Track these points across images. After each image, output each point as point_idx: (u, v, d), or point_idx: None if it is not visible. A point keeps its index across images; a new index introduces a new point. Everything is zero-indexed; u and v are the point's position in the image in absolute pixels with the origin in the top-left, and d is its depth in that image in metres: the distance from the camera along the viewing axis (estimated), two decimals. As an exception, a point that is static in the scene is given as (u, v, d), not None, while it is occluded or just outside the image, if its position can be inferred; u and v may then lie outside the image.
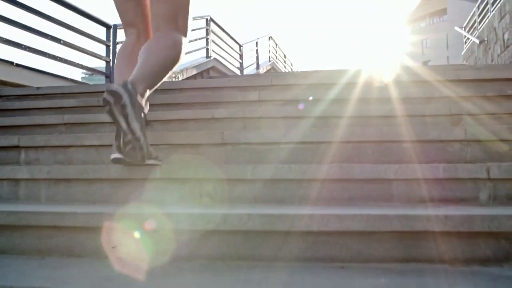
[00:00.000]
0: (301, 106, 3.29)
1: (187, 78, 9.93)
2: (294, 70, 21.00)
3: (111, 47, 7.34)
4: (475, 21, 13.96)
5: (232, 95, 3.68)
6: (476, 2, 20.60)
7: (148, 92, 2.08)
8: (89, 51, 6.80)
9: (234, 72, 12.49)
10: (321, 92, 3.58)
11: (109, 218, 1.63)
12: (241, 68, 13.33)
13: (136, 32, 2.41)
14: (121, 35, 7.44)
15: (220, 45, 11.94)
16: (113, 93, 1.88)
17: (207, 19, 11.07)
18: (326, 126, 2.94)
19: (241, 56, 13.47)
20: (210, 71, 11.17)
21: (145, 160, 2.11)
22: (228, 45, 12.51)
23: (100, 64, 7.54)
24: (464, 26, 16.05)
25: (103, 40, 7.25)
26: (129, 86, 1.94)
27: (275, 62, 17.34)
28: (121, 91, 1.90)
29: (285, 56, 19.29)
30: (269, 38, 16.61)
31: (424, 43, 56.91)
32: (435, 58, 53.87)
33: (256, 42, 14.89)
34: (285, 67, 19.18)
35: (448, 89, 3.51)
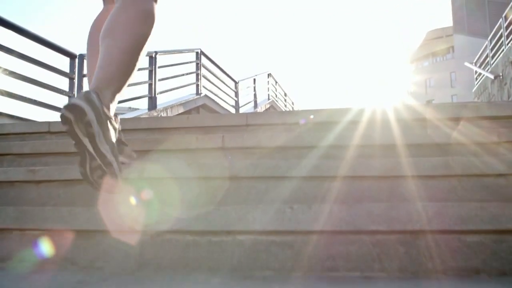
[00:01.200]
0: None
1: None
2: (295, 109, 19.93)
3: (75, 80, 6.25)
4: (487, 56, 12.92)
5: (185, 140, 2.50)
6: (485, 37, 19.67)
7: (118, 96, 1.62)
8: (47, 85, 5.70)
9: (228, 111, 11.39)
10: (314, 135, 2.41)
11: None
12: (236, 106, 12.24)
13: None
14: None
15: (213, 81, 10.87)
16: (74, 108, 1.45)
17: (197, 52, 10.04)
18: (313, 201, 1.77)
19: (236, 94, 12.40)
20: (200, 110, 10.07)
21: (117, 190, 1.62)
22: (222, 82, 11.45)
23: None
24: (474, 61, 15.01)
25: (65, 72, 6.16)
26: (93, 97, 1.51)
27: (275, 101, 16.28)
28: (83, 105, 1.46)
29: (285, 95, 18.26)
30: (268, 75, 15.61)
31: (427, 82, 56.33)
32: (439, 98, 53.22)
33: (254, 79, 13.86)
34: (285, 105, 18.12)
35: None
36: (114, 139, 1.61)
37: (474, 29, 21.35)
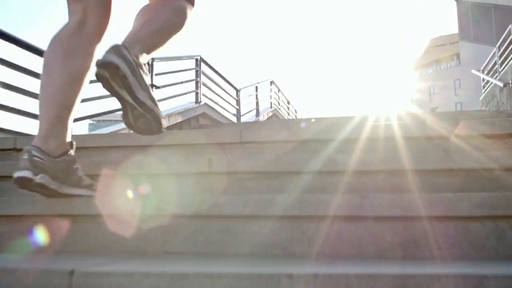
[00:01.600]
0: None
1: (171, 126, 8.47)
2: (299, 117, 19.55)
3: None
4: (495, 63, 12.51)
5: (156, 163, 2.10)
6: (491, 44, 19.28)
7: (144, 57, 1.60)
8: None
9: (229, 120, 11.01)
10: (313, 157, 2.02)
11: None
12: (238, 115, 11.85)
13: (81, 10, 1.69)
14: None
15: (213, 89, 10.50)
16: (107, 65, 1.46)
17: (197, 59, 9.68)
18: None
19: (238, 102, 12.02)
20: (200, 118, 9.70)
21: (162, 129, 1.73)
22: (223, 89, 11.07)
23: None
24: (481, 69, 14.61)
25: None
26: (123, 51, 1.50)
27: (278, 109, 15.90)
28: (116, 60, 1.46)
29: (288, 102, 17.87)
30: (271, 82, 15.23)
31: (431, 90, 55.96)
32: (443, 105, 52.85)
33: (256, 87, 13.48)
34: (288, 113, 17.72)
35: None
36: (148, 83, 1.62)
37: (480, 36, 20.98)
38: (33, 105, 4.87)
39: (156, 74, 7.92)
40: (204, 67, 9.97)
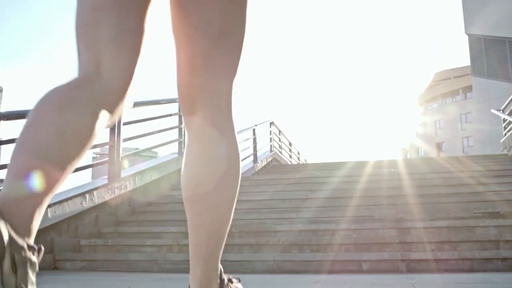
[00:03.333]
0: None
1: (146, 186, 6.94)
2: (302, 159, 17.97)
3: None
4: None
5: None
6: (506, 79, 17.75)
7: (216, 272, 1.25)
8: None
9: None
10: None
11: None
12: (231, 163, 10.26)
13: (95, 64, 1.09)
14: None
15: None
16: None
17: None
18: None
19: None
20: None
21: None
22: None
23: None
24: (502, 108, 13.06)
25: None
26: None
27: (278, 152, 14.35)
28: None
29: (290, 144, 16.33)
30: (271, 124, 13.72)
31: (437, 124, 54.63)
32: (449, 139, 51.52)
33: (253, 130, 11.95)
34: (290, 156, 16.15)
35: None
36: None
37: (493, 70, 19.55)
38: None
39: (124, 124, 6.39)
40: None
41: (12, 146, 0.99)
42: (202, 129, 1.25)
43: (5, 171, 1.01)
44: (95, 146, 6.00)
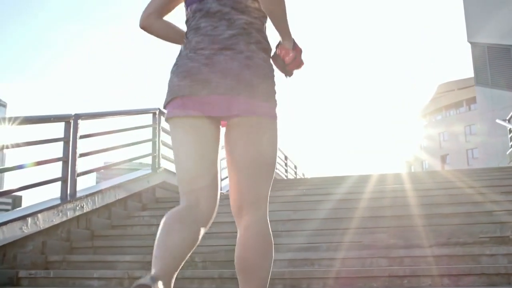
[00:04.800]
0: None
1: (111, 205, 6.17)
2: (299, 174, 17.12)
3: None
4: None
5: None
6: (508, 89, 16.90)
7: None
8: None
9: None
10: None
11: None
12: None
13: (195, 199, 1.78)
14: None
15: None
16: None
17: (154, 113, 7.38)
18: None
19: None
20: (156, 190, 7.33)
21: None
22: None
23: None
24: (508, 118, 12.22)
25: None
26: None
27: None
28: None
29: (286, 158, 15.50)
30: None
31: (441, 137, 53.69)
32: (453, 152, 50.46)
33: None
34: (286, 171, 15.31)
35: None
36: None
37: (497, 80, 18.70)
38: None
39: (81, 137, 5.63)
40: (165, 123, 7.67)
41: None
42: (251, 231, 1.82)
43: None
44: (43, 162, 5.25)
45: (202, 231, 1.74)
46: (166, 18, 2.00)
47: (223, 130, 1.88)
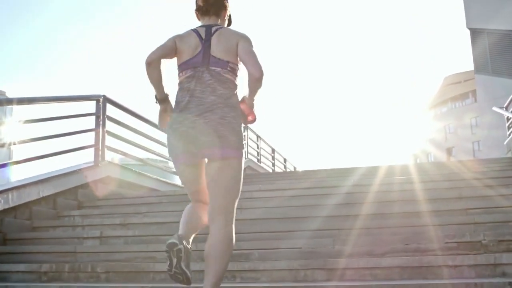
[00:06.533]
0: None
1: (31, 203, 5.31)
2: (288, 167, 16.20)
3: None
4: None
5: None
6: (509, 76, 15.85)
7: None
8: None
9: (157, 189, 7.77)
10: None
11: None
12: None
13: (198, 198, 2.79)
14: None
15: (136, 142, 7.29)
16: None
17: (98, 100, 6.51)
18: None
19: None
20: (99, 186, 6.49)
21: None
22: (157, 141, 7.80)
23: None
24: (505, 106, 11.20)
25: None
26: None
27: (256, 160, 12.63)
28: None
29: (273, 151, 14.58)
30: (245, 128, 12.01)
31: (447, 129, 52.47)
32: (459, 144, 49.23)
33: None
34: (273, 165, 14.39)
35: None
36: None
37: (498, 67, 17.57)
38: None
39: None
40: (112, 111, 6.80)
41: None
42: (218, 232, 2.57)
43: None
44: None
45: (206, 207, 2.67)
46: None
47: None
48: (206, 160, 2.65)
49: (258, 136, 13.16)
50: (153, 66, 2.58)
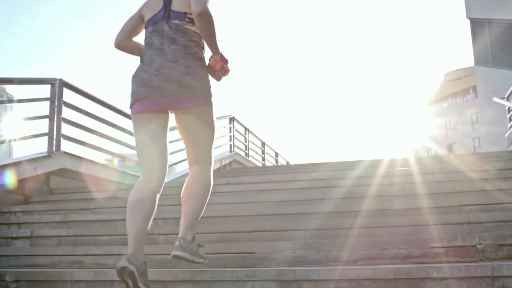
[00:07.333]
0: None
1: None
2: (280, 161, 15.48)
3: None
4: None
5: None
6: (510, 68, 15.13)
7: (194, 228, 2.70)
8: None
9: (130, 177, 7.05)
10: None
11: None
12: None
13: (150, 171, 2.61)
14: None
15: (97, 129, 6.57)
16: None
17: (53, 84, 5.79)
18: None
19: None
20: (51, 179, 5.78)
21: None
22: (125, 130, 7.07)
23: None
24: (506, 96, 10.45)
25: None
26: (181, 242, 2.59)
27: (243, 154, 11.91)
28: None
29: (263, 145, 13.85)
30: (231, 119, 11.31)
31: (447, 125, 51.79)
32: (460, 140, 48.52)
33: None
34: (263, 159, 13.67)
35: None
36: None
37: (499, 59, 16.78)
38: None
39: None
40: (69, 95, 6.07)
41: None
42: (196, 173, 2.68)
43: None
44: None
45: (158, 196, 2.54)
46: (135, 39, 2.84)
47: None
48: (170, 112, 2.66)
49: (246, 129, 12.43)
50: (122, 46, 2.79)
